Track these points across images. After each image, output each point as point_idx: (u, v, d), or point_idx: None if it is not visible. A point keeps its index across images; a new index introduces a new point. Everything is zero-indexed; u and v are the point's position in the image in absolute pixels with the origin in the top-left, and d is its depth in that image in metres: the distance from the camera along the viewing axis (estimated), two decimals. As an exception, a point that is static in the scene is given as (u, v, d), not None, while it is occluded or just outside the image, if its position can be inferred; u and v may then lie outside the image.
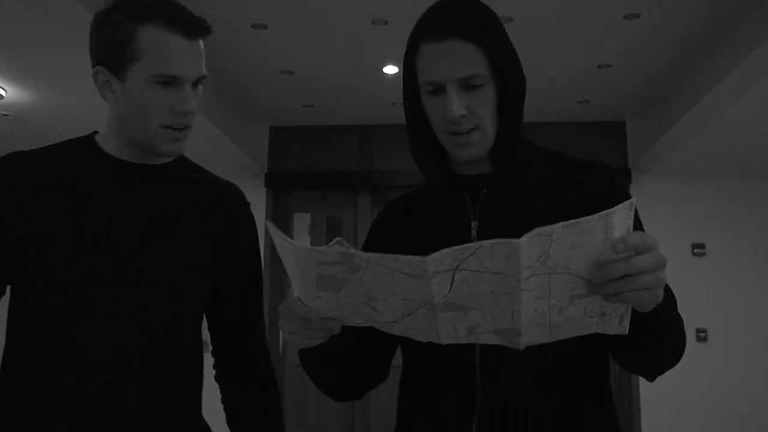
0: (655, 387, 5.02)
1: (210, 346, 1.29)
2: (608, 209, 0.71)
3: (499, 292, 0.75)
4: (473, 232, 1.03)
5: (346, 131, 5.53)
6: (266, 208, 5.41)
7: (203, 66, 1.14)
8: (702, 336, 5.03)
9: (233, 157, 4.99)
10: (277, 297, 5.31)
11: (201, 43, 1.13)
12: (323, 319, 0.84)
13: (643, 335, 0.87)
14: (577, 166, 1.06)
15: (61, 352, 1.09)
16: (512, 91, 1.01)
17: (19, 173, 1.15)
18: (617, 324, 0.80)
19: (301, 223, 5.89)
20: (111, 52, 1.11)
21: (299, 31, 3.68)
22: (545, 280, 0.75)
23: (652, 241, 0.74)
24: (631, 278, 0.73)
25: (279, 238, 0.79)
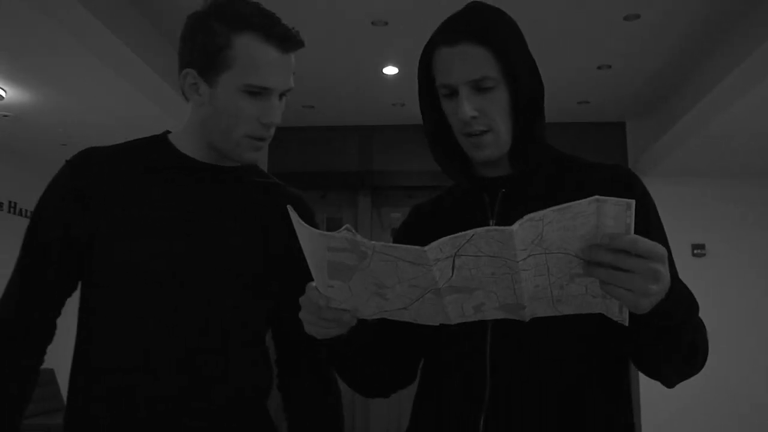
0: (655, 387, 5.01)
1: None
2: (601, 196, 0.73)
3: (499, 273, 0.79)
4: None
5: (346, 132, 5.54)
6: (266, 209, 5.41)
7: (292, 79, 1.15)
8: (702, 336, 5.03)
9: (233, 158, 4.99)
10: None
11: (292, 56, 1.14)
12: (337, 310, 0.87)
13: (644, 333, 0.88)
14: (597, 170, 1.07)
15: (125, 350, 1.10)
16: (525, 94, 1.03)
17: (93, 168, 1.16)
18: (618, 311, 0.82)
19: (301, 224, 5.88)
20: (204, 57, 1.10)
21: (299, 31, 3.67)
22: (543, 259, 0.78)
23: (647, 249, 0.75)
24: (616, 273, 0.75)
25: (296, 221, 0.82)
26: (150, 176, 1.17)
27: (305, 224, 0.82)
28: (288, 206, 0.85)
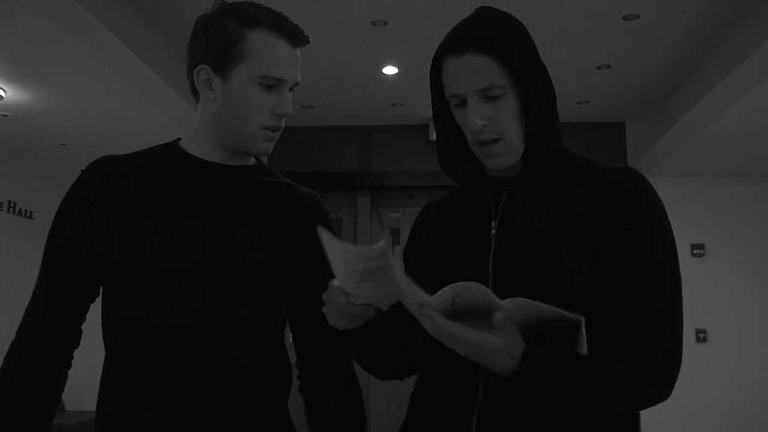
0: (655, 387, 5.01)
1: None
2: (559, 310, 0.86)
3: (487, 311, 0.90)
4: (492, 231, 1.07)
5: (346, 132, 5.53)
6: (266, 209, 5.41)
7: (299, 74, 1.20)
8: (702, 336, 5.03)
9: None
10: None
11: (299, 52, 1.19)
12: (361, 306, 0.94)
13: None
14: (605, 174, 1.06)
15: (153, 356, 1.10)
16: (535, 99, 1.03)
17: (109, 176, 1.19)
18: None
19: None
20: (217, 52, 1.14)
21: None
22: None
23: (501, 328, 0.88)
24: None
25: (330, 240, 0.90)
26: (164, 182, 1.19)
27: (339, 240, 0.90)
28: (318, 227, 0.91)
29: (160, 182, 1.19)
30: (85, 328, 1.24)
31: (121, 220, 1.15)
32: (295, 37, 1.17)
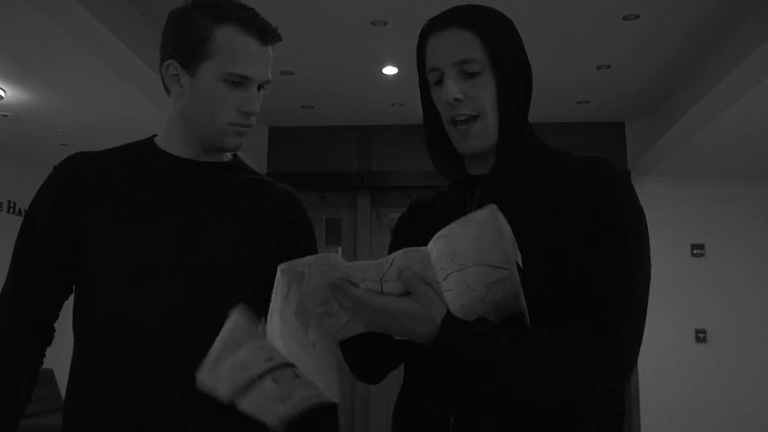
0: (655, 387, 5.02)
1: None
2: (495, 205, 0.79)
3: None
4: None
5: (346, 132, 5.53)
6: (266, 209, 5.41)
7: (269, 72, 1.18)
8: (701, 336, 5.03)
9: (233, 158, 4.99)
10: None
11: (270, 50, 1.17)
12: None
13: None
14: (577, 165, 1.04)
15: (125, 351, 1.09)
16: (512, 84, 1.03)
17: (81, 172, 1.18)
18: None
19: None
20: (185, 48, 1.14)
21: (299, 31, 3.68)
22: (461, 276, 0.82)
23: None
24: None
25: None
26: (138, 178, 1.18)
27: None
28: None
29: (134, 178, 1.18)
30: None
31: (93, 215, 1.14)
32: (266, 34, 1.15)
